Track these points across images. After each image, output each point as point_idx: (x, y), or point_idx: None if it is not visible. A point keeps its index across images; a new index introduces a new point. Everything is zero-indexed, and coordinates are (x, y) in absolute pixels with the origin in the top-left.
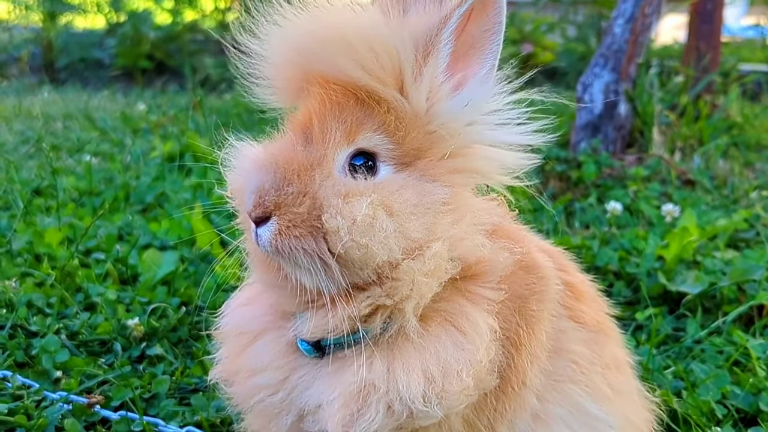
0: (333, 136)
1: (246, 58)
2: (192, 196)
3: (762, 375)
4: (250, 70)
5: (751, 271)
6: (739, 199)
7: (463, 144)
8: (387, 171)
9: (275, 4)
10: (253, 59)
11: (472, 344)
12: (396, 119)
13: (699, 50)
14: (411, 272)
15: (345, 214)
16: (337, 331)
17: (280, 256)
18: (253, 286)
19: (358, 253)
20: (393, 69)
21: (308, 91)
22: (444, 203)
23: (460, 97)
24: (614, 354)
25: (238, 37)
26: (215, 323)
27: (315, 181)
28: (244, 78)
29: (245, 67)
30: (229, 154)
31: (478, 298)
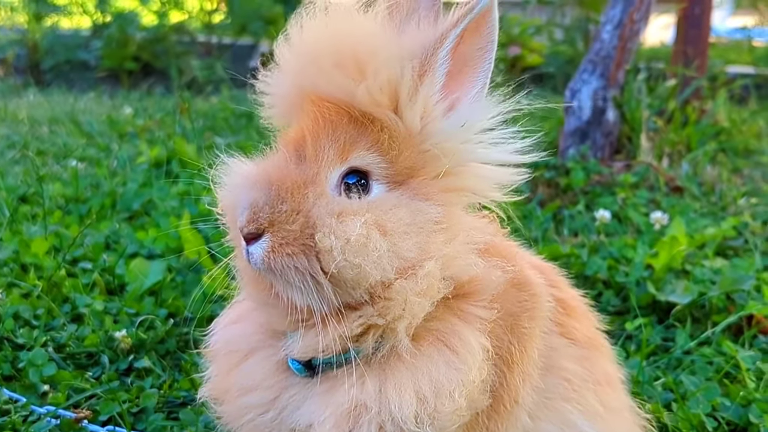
0: (326, 154)
1: (260, 75)
2: (180, 204)
3: (752, 386)
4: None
5: (741, 280)
6: (728, 206)
7: (456, 163)
8: (380, 189)
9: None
10: (265, 74)
11: (464, 364)
12: (389, 138)
13: (687, 55)
14: (404, 292)
15: (339, 233)
16: (329, 351)
17: (272, 274)
18: (243, 303)
19: (351, 272)
20: (388, 89)
21: (302, 108)
22: (437, 222)
23: (455, 117)
24: (605, 370)
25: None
26: (205, 341)
27: (308, 199)
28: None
29: (259, 84)
30: (219, 171)
31: (471, 317)
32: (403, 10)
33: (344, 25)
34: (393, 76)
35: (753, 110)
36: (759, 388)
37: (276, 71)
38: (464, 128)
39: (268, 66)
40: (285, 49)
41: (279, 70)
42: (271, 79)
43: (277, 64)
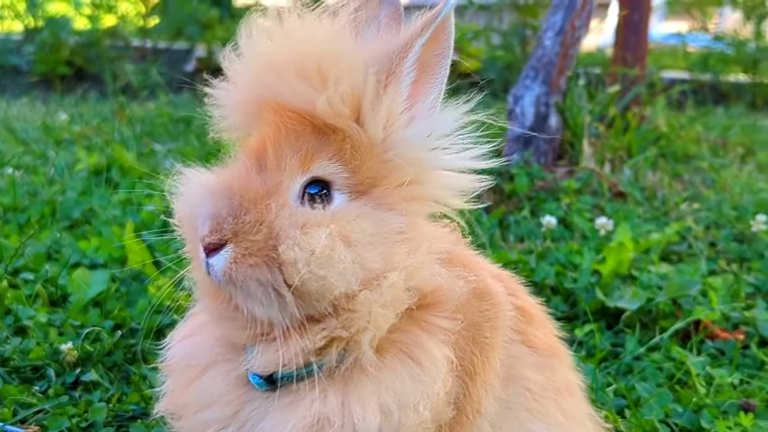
0: (288, 163)
1: (212, 84)
2: (122, 212)
3: (702, 392)
4: (211, 96)
5: (687, 286)
6: (670, 211)
7: (419, 171)
8: (342, 199)
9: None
10: (215, 85)
11: (428, 376)
12: (352, 148)
13: (626, 61)
14: (368, 303)
15: (303, 245)
16: (291, 365)
17: (233, 286)
18: (199, 316)
19: (315, 285)
20: (351, 99)
21: (262, 117)
22: (400, 232)
23: (418, 126)
24: (566, 378)
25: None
26: (160, 355)
27: (271, 210)
28: (209, 102)
29: (210, 92)
30: (175, 180)
31: (434, 328)
32: (364, 17)
33: (304, 34)
34: (355, 85)
35: (690, 116)
36: (709, 394)
37: (227, 83)
38: (428, 136)
39: (218, 78)
40: (236, 60)
41: (231, 81)
42: (223, 91)
43: (227, 75)
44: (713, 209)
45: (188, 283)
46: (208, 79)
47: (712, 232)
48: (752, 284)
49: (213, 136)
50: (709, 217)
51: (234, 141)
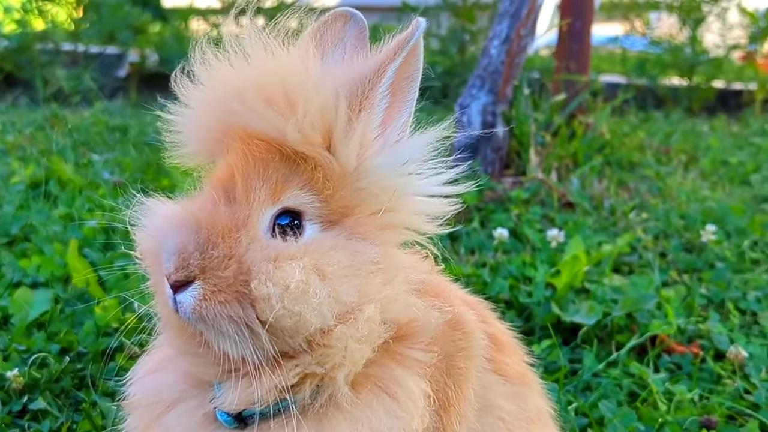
0: (257, 194)
1: (168, 111)
2: (63, 228)
3: (663, 409)
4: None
5: (643, 299)
6: (618, 221)
7: (392, 199)
8: (313, 230)
9: (198, 54)
10: (173, 113)
11: (405, 412)
12: (324, 177)
13: (569, 69)
14: (344, 338)
15: (276, 280)
16: (263, 402)
17: (203, 324)
18: (163, 350)
19: (289, 321)
20: (321, 126)
21: (228, 145)
22: (374, 262)
23: (392, 152)
24: (537, 406)
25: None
26: (122, 391)
27: (241, 243)
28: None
29: (165, 121)
30: (137, 211)
31: (409, 361)
32: (329, 39)
33: (268, 57)
34: (326, 111)
35: (632, 123)
36: (670, 410)
37: (185, 108)
38: (400, 162)
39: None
40: (193, 86)
41: (189, 107)
42: (182, 118)
43: (184, 101)
44: (661, 219)
45: (152, 317)
46: (163, 102)
47: (661, 242)
48: (704, 296)
49: (172, 161)
50: (657, 226)
51: (195, 169)
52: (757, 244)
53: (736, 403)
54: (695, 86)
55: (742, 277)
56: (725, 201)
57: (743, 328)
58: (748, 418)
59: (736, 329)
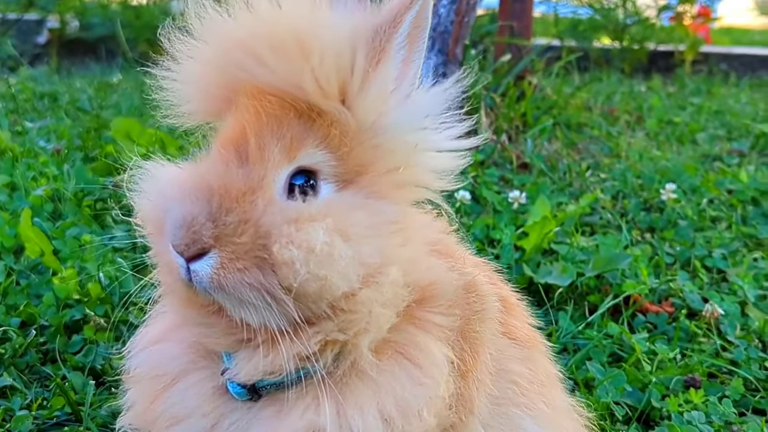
0: (272, 153)
1: (163, 68)
2: (8, 197)
3: (647, 369)
4: (164, 82)
5: (615, 260)
6: (573, 181)
7: (408, 155)
8: (329, 190)
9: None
10: (170, 69)
11: (430, 378)
12: (340, 133)
13: (513, 29)
14: (368, 303)
15: (299, 243)
16: (281, 372)
17: (223, 292)
18: (163, 320)
19: (314, 285)
20: (336, 78)
21: (238, 102)
22: (393, 222)
23: (409, 106)
24: (547, 369)
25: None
26: (122, 364)
27: (257, 206)
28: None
29: (160, 79)
30: (136, 175)
31: (429, 325)
32: None
33: (277, 9)
34: (341, 64)
35: (575, 85)
36: (653, 370)
37: (188, 63)
38: (417, 117)
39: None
40: (192, 41)
41: (190, 63)
42: (182, 74)
43: (182, 57)
44: (618, 178)
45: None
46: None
47: (620, 202)
48: (670, 254)
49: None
50: (615, 186)
51: (197, 128)
52: (713, 201)
53: (717, 360)
54: (627, 48)
55: (704, 234)
56: (677, 160)
57: (712, 285)
58: (728, 376)
59: (705, 287)
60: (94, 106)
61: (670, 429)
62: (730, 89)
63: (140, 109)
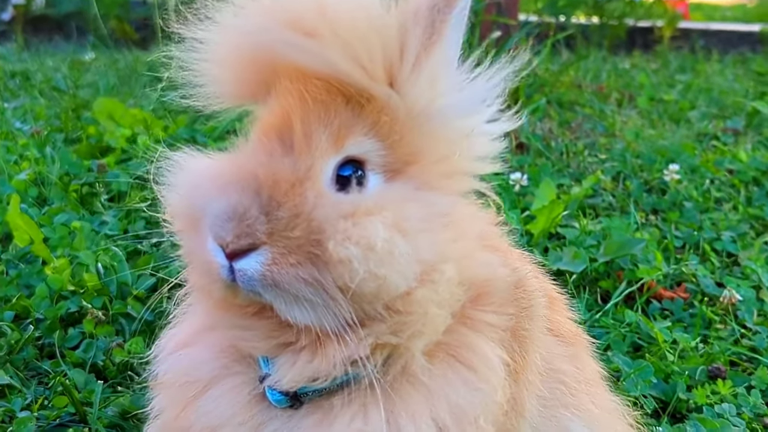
0: (319, 141)
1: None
2: None
3: (670, 359)
4: (189, 63)
5: (629, 244)
6: (571, 161)
7: (458, 143)
8: (377, 181)
9: None
10: (197, 49)
11: (486, 382)
12: (390, 120)
13: (500, 7)
14: (424, 303)
15: (357, 239)
16: (327, 378)
17: (276, 289)
18: (191, 322)
19: (372, 285)
20: (382, 60)
21: (279, 86)
22: (445, 215)
23: (462, 91)
24: (593, 367)
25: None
26: (148, 370)
27: (307, 199)
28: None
29: (184, 60)
30: (164, 167)
31: (482, 325)
32: None
33: None
34: (392, 45)
35: (566, 63)
36: (675, 360)
37: (220, 43)
38: (473, 103)
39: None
40: (231, 18)
41: (226, 41)
42: (212, 54)
43: (213, 37)
44: (617, 159)
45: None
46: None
47: (621, 183)
48: (679, 237)
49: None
50: (614, 167)
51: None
52: (713, 182)
53: (738, 348)
54: (606, 24)
55: (709, 216)
56: (673, 139)
57: (724, 269)
58: (749, 364)
59: (717, 272)
60: (70, 85)
61: (702, 422)
62: (713, 66)
63: (118, 88)
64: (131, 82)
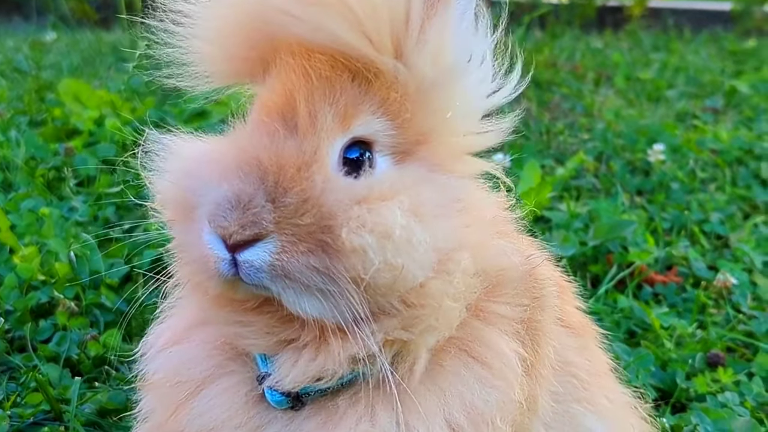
0: (324, 121)
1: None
2: None
3: (668, 347)
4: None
5: (619, 227)
6: (551, 141)
7: (469, 119)
8: (385, 164)
9: None
10: (182, 23)
11: (502, 379)
12: (401, 97)
13: None
14: (438, 295)
15: (372, 226)
16: (333, 377)
17: (286, 279)
18: (181, 316)
19: (387, 276)
20: (389, 30)
21: (279, 63)
22: (459, 199)
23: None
24: (602, 359)
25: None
26: (136, 369)
27: (316, 183)
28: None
29: (166, 35)
30: (150, 152)
31: (496, 317)
32: None
33: None
34: (395, 11)
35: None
36: (673, 347)
37: (209, 20)
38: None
39: None
40: None
41: (215, 17)
42: (203, 29)
43: (205, 11)
44: (598, 139)
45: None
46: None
47: (604, 164)
48: (665, 219)
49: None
50: (596, 147)
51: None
52: (697, 162)
53: (735, 334)
54: (575, 3)
55: (696, 197)
56: (653, 119)
57: (714, 251)
58: (746, 350)
59: (707, 254)
60: (32, 66)
61: (705, 412)
62: (687, 45)
63: (82, 69)
64: (95, 62)
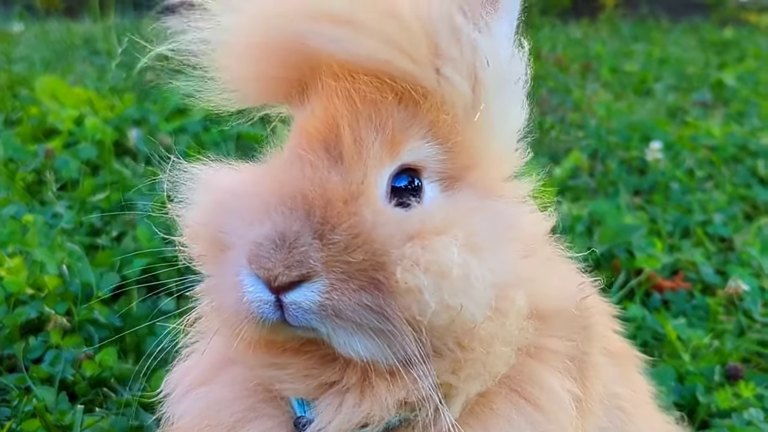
0: (371, 149)
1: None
2: None
3: (686, 359)
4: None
5: (625, 232)
6: (543, 137)
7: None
8: (434, 191)
9: None
10: (214, 45)
11: (554, 423)
12: (451, 119)
13: None
14: (488, 339)
15: (428, 265)
16: (380, 422)
17: (337, 320)
18: (207, 356)
19: (444, 317)
20: (426, 42)
21: (319, 85)
22: (512, 227)
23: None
24: (644, 387)
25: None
26: (160, 411)
27: (365, 217)
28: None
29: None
30: (180, 181)
31: (546, 353)
32: None
33: None
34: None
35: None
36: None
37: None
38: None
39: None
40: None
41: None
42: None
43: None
44: (592, 136)
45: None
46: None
47: (599, 162)
48: (667, 221)
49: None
50: (590, 145)
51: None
52: (693, 159)
53: (750, 343)
54: None
55: (696, 198)
56: (644, 113)
57: (720, 254)
58: (760, 359)
59: (713, 258)
60: (2, 60)
61: (731, 430)
62: (666, 35)
63: (54, 63)
64: (68, 55)
